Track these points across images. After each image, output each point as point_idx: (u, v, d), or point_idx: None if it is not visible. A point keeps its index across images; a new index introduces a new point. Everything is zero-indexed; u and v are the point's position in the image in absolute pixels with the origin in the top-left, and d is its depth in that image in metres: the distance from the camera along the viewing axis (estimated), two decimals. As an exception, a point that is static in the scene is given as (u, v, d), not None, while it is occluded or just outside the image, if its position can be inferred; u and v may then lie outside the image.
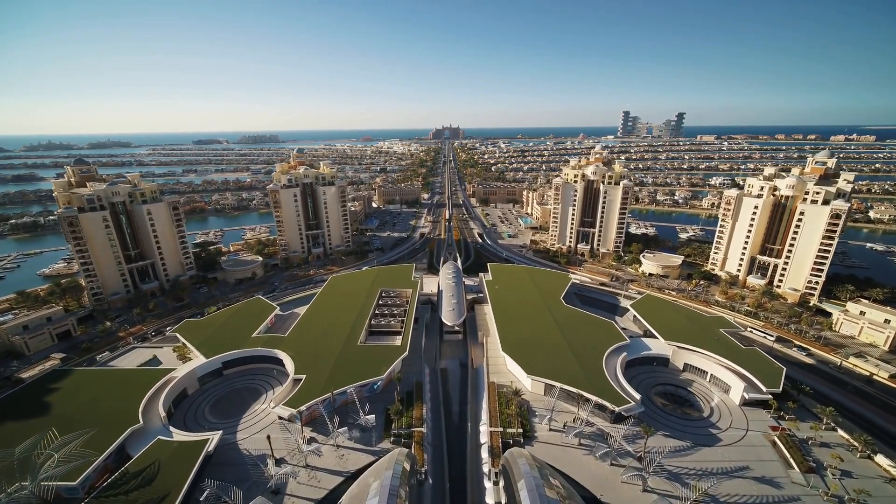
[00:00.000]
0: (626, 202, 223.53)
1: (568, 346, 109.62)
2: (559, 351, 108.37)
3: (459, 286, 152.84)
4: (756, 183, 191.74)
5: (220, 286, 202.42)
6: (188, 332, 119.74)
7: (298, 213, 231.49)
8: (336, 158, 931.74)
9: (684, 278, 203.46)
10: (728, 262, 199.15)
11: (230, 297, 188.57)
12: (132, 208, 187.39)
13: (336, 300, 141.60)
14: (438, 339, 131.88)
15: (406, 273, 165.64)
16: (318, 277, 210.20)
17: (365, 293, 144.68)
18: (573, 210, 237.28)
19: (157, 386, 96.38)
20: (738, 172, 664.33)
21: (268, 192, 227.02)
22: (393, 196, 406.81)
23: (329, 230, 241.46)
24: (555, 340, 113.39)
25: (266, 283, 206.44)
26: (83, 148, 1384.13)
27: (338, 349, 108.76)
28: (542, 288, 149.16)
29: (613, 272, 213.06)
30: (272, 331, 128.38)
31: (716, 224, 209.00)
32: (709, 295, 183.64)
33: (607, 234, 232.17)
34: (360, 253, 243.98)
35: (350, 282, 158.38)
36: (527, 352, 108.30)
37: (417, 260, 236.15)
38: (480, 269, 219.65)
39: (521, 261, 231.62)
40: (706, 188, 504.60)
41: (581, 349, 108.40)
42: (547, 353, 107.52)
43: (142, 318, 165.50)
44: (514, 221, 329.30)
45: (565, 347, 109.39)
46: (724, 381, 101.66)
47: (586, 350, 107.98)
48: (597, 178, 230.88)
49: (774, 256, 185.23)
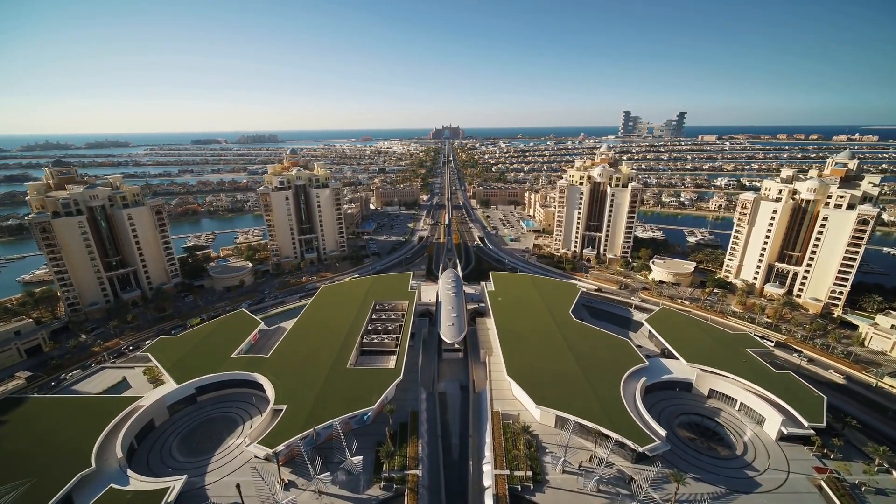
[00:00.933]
0: (634, 206, 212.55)
1: (580, 370, 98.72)
2: (571, 375, 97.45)
3: (460, 297, 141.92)
4: (774, 186, 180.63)
5: (207, 295, 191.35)
6: (161, 352, 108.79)
7: (291, 217, 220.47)
8: (335, 159, 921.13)
9: (697, 286, 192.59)
10: (744, 269, 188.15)
11: (216, 306, 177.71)
12: (112, 212, 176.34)
13: (326, 313, 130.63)
14: (437, 358, 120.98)
15: (402, 282, 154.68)
16: (310, 285, 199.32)
17: (357, 306, 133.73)
18: (579, 214, 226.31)
19: (119, 418, 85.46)
20: (742, 173, 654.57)
21: (258, 195, 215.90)
22: (391, 197, 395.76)
23: (323, 234, 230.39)
24: (565, 362, 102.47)
25: (255, 290, 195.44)
26: (80, 148, 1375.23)
27: (324, 373, 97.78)
28: (549, 299, 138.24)
29: (622, 279, 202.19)
30: (255, 349, 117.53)
31: (725, 227, 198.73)
32: (724, 305, 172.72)
33: (614, 238, 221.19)
34: (355, 258, 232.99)
35: (342, 292, 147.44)
36: (534, 376, 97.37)
37: (415, 266, 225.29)
38: (481, 276, 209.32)
39: (523, 267, 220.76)
40: (711, 189, 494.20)
41: (595, 372, 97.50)
42: (557, 378, 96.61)
43: (119, 331, 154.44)
44: (515, 224, 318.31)
45: (577, 371, 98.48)
46: (757, 411, 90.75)
47: (601, 373, 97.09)
48: (603, 180, 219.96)
49: (794, 264, 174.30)
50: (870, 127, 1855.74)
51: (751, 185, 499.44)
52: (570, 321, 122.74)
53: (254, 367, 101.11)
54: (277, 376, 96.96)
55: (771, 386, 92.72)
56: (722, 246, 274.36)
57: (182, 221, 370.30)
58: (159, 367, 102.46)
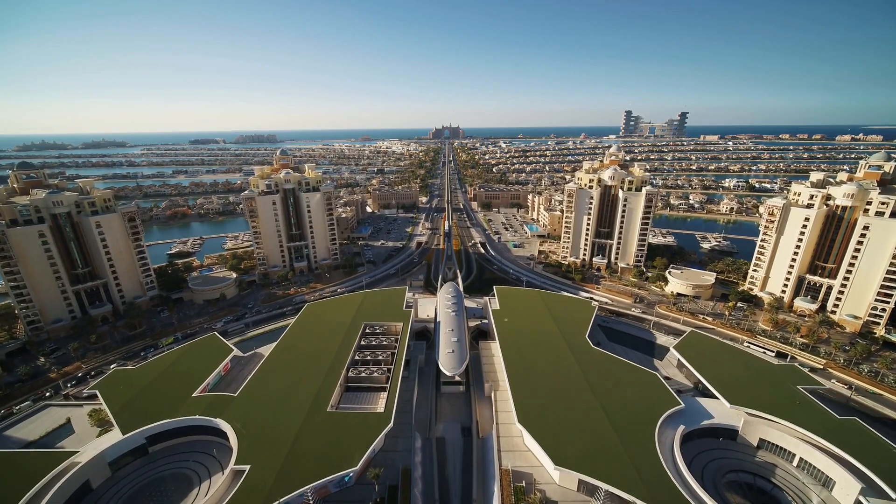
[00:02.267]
0: (649, 211, 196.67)
1: (605, 415, 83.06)
2: (594, 422, 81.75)
3: (460, 317, 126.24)
4: (804, 191, 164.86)
5: (186, 309, 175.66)
6: (113, 388, 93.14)
7: (278, 223, 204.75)
8: (333, 159, 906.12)
9: (719, 299, 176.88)
10: (770, 281, 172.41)
11: (193, 322, 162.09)
12: (79, 220, 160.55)
13: (309, 338, 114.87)
14: (434, 392, 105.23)
15: (397, 298, 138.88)
16: (298, 297, 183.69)
17: (345, 329, 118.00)
18: (588, 219, 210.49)
19: (44, 481, 69.71)
20: (749, 174, 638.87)
21: (242, 200, 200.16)
22: (389, 200, 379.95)
23: (314, 242, 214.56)
24: (586, 404, 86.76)
25: (239, 304, 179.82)
26: (77, 147, 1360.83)
27: (300, 420, 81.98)
28: (562, 320, 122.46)
29: (636, 291, 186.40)
30: (225, 382, 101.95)
31: (739, 231, 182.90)
32: (752, 321, 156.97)
33: (627, 246, 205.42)
34: (348, 267, 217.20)
35: (329, 311, 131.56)
36: (551, 424, 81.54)
37: (412, 275, 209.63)
38: (484, 287, 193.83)
39: (529, 276, 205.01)
40: (720, 191, 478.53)
41: (623, 418, 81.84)
42: (578, 426, 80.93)
43: (82, 354, 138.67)
44: (519, 229, 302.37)
45: (602, 416, 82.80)
46: (822, 470, 74.97)
47: (630, 420, 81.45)
48: (615, 183, 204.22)
49: (827, 277, 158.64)
50: (872, 126, 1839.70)
51: (760, 187, 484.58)
52: (588, 349, 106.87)
53: (218, 410, 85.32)
54: (244, 423, 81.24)
55: (835, 437, 77.02)
56: (738, 252, 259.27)
57: (170, 225, 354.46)
58: (106, 409, 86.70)
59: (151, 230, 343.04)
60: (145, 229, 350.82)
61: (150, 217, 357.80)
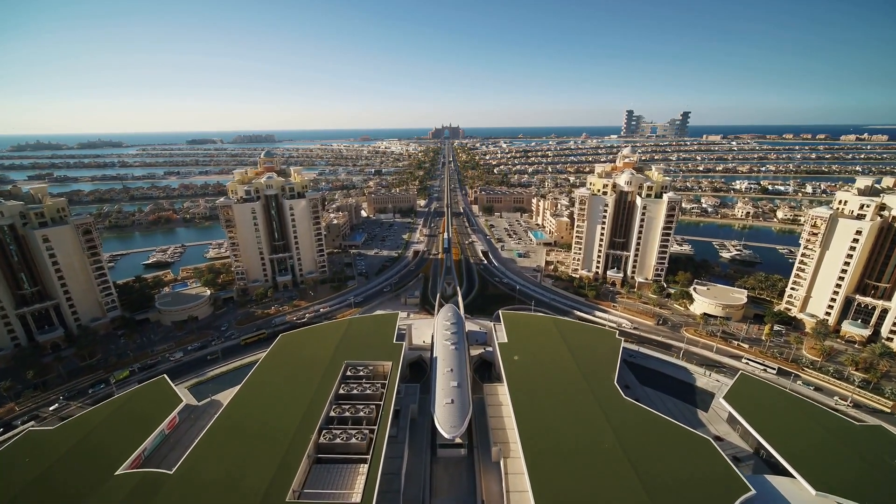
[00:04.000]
0: (671, 220, 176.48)
1: (649, 501, 62.85)
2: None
3: (461, 352, 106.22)
4: (852, 199, 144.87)
5: (151, 331, 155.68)
6: (12, 465, 72.56)
7: (259, 234, 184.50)
8: (330, 159, 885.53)
9: (752, 321, 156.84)
10: (812, 301, 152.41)
11: (156, 350, 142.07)
12: (25, 233, 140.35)
13: (277, 382, 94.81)
14: (429, 455, 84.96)
15: (387, 327, 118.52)
16: (278, 318, 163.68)
17: (322, 369, 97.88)
18: (602, 229, 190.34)
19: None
20: (758, 175, 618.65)
21: (217, 208, 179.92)
22: (385, 204, 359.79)
23: (299, 253, 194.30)
24: (623, 483, 66.75)
25: (212, 326, 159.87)
26: (72, 148, 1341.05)
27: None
28: (582, 357, 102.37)
29: (658, 310, 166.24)
30: (167, 446, 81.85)
31: (758, 237, 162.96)
32: (793, 349, 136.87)
33: (645, 259, 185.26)
34: (337, 280, 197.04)
35: (306, 344, 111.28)
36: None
37: (408, 291, 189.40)
38: (487, 304, 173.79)
39: (536, 292, 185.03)
40: (731, 193, 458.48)
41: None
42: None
43: (16, 394, 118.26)
44: (523, 236, 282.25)
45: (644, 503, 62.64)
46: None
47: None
48: (632, 189, 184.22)
49: (882, 298, 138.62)
50: (874, 126, 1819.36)
51: (773, 189, 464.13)
52: (619, 401, 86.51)
53: (145, 497, 65.13)
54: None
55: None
56: (761, 262, 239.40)
57: (153, 231, 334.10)
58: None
59: (133, 236, 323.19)
60: (126, 235, 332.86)
61: (132, 222, 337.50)
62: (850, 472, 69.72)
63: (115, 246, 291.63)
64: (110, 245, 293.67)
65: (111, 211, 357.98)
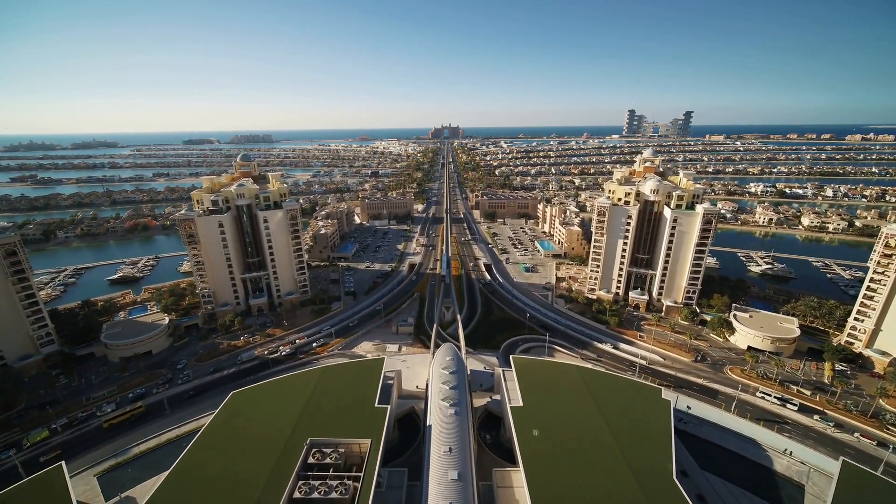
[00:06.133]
0: (706, 236, 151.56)
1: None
2: None
3: (463, 418, 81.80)
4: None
5: (95, 370, 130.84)
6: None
7: (228, 250, 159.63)
8: (327, 160, 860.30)
9: (806, 356, 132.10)
10: (882, 335, 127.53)
11: (94, 397, 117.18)
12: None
13: (215, 471, 70.03)
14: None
15: (369, 380, 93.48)
16: (247, 352, 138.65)
17: (276, 453, 73.00)
18: (624, 244, 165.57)
19: None
20: (771, 176, 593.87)
21: (177, 222, 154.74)
22: (380, 209, 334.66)
23: (276, 271, 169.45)
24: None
25: (167, 362, 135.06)
26: (66, 148, 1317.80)
27: None
28: (623, 433, 77.47)
29: (693, 342, 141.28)
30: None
31: (782, 247, 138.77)
32: (864, 396, 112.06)
33: (674, 279, 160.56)
34: (319, 303, 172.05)
35: (260, 408, 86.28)
36: None
37: (401, 316, 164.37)
38: (492, 333, 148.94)
39: (549, 316, 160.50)
40: (746, 197, 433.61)
41: None
42: None
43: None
44: (529, 246, 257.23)
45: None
46: None
47: None
48: (658, 198, 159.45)
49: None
50: (877, 126, 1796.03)
51: (791, 193, 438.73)
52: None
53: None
54: None
55: None
56: (795, 277, 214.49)
57: (130, 239, 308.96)
58: None
59: (107, 245, 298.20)
60: (99, 244, 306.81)
61: (107, 230, 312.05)
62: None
63: (84, 257, 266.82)
64: (79, 256, 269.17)
65: (85, 217, 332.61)
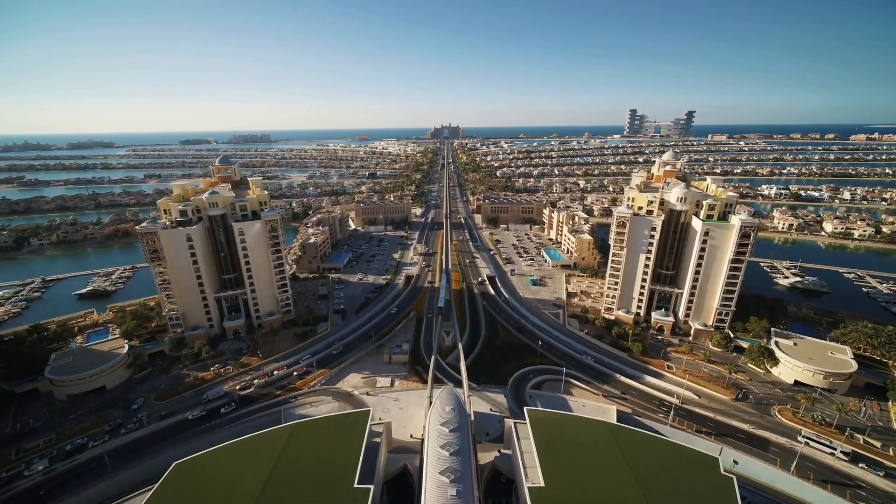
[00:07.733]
0: (743, 252, 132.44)
1: None
2: None
3: (468, 485, 62.77)
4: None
5: (36, 411, 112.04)
6: None
7: (198, 266, 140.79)
8: (324, 160, 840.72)
9: (864, 393, 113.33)
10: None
11: (26, 449, 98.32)
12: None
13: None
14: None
15: (350, 442, 74.50)
16: (213, 389, 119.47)
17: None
18: (647, 258, 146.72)
19: None
20: (780, 178, 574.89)
21: (138, 235, 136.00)
22: (375, 214, 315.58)
23: (254, 290, 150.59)
24: None
25: (122, 400, 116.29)
26: (62, 148, 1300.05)
27: None
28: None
29: (731, 376, 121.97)
30: None
31: (807, 255, 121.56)
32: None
33: (704, 299, 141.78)
34: (303, 324, 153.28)
35: (208, 488, 67.51)
36: None
37: (394, 340, 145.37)
38: (497, 361, 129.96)
39: (562, 340, 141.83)
40: (759, 199, 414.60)
41: None
42: None
43: None
44: (535, 255, 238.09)
45: None
46: None
47: None
48: (686, 207, 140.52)
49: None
50: (881, 126, 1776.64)
51: (807, 195, 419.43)
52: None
53: None
54: None
55: None
56: (829, 292, 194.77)
57: (109, 246, 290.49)
58: None
59: (84, 253, 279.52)
60: (76, 252, 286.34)
61: (85, 236, 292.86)
62: None
63: (57, 267, 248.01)
64: (52, 266, 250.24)
65: (63, 223, 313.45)
